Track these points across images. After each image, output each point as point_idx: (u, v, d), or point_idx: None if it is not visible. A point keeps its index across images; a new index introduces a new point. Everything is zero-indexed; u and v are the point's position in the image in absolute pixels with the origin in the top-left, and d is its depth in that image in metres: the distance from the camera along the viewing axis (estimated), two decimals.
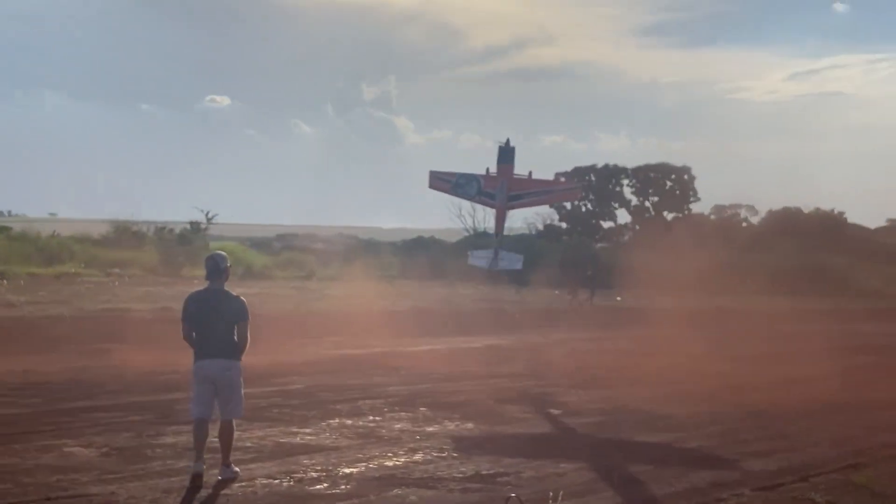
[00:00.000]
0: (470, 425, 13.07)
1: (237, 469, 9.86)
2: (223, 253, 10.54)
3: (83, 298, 32.28)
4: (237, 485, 9.35)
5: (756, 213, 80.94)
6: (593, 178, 77.87)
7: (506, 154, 21.18)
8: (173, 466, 9.93)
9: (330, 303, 34.87)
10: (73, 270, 45.65)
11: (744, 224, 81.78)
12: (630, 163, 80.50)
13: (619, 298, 45.81)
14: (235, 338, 9.93)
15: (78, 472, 9.48)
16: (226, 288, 10.09)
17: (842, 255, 64.27)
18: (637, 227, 77.85)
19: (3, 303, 28.84)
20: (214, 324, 9.88)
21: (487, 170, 21.29)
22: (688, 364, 19.98)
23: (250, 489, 9.23)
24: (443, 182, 21.71)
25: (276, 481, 9.54)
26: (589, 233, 75.92)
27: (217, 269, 10.12)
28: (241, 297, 10.16)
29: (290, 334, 22.80)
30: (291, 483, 9.50)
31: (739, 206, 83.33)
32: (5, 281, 37.49)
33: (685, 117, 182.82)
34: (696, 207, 79.32)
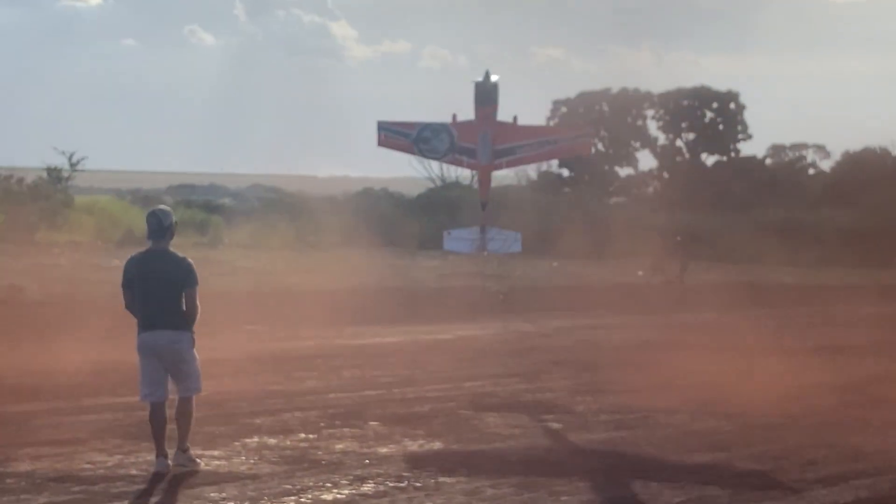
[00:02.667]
0: (438, 445, 13.19)
1: (198, 460, 11.35)
2: (167, 208, 11.88)
3: None
4: None
5: (828, 155, 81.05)
6: (606, 109, 77.84)
7: (486, 93, 20.29)
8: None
9: (243, 279, 34.83)
10: None
11: (811, 171, 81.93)
12: (656, 87, 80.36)
13: (640, 273, 45.99)
14: (184, 306, 11.30)
15: None
16: (170, 249, 11.42)
17: None
18: (665, 174, 78.02)
19: None
20: (159, 290, 11.26)
21: (455, 116, 20.75)
22: (734, 359, 20.20)
23: None
24: (398, 137, 20.97)
25: None
26: (600, 183, 75.90)
27: (161, 226, 11.34)
28: (188, 259, 11.53)
29: None
30: None
31: (805, 146, 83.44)
32: None
33: (731, 21, 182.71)
34: (745, 149, 79.29)
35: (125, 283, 11.55)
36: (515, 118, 20.82)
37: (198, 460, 11.52)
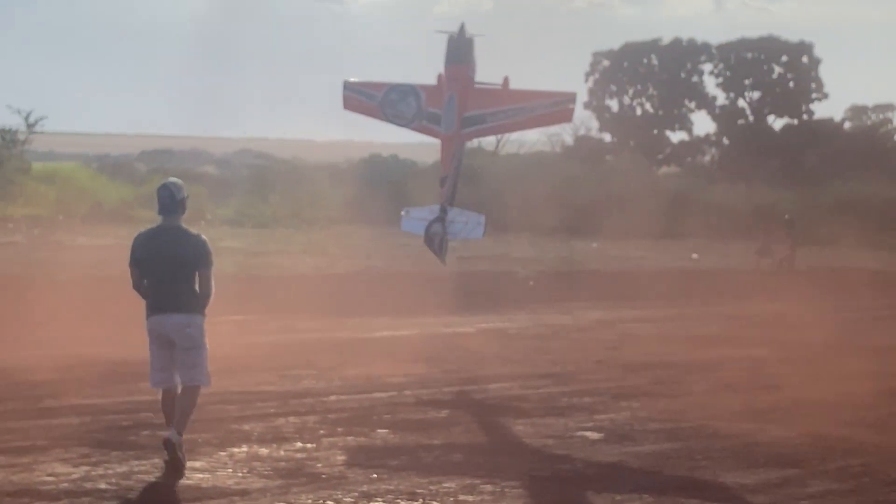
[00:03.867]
0: (457, 457, 13.16)
1: (182, 456, 11.91)
2: (178, 181, 12.68)
3: None
4: None
5: None
6: (655, 62, 77.77)
7: (458, 49, 20.15)
8: None
9: (230, 261, 34.76)
10: None
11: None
12: (714, 37, 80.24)
13: (695, 256, 45.97)
14: (197, 287, 12.30)
15: None
16: (183, 225, 12.41)
17: None
18: (726, 140, 77.88)
19: None
20: (170, 270, 12.24)
21: (439, 78, 20.65)
22: (807, 357, 20.21)
23: None
24: (364, 99, 20.99)
25: None
26: (648, 150, 75.73)
27: (173, 200, 12.24)
28: (203, 236, 12.52)
29: None
30: None
31: (892, 107, 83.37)
32: None
33: None
34: (820, 110, 79.08)
35: (132, 262, 12.42)
36: (506, 79, 20.59)
37: (180, 457, 11.91)
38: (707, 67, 78.91)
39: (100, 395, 15.58)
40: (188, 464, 12.21)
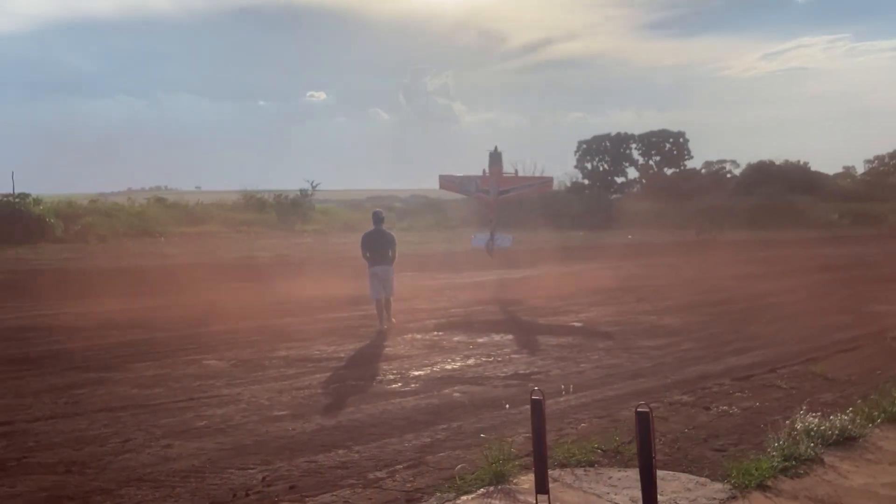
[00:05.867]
0: (510, 336, 12.93)
1: (394, 320, 13.67)
2: (381, 210, 14.73)
3: (220, 250, 32.60)
4: (332, 385, 9.35)
5: (738, 165, 79.14)
6: (608, 144, 76.25)
7: (495, 158, 20.65)
8: (285, 373, 9.96)
9: (406, 248, 34.58)
10: (212, 230, 46.31)
11: (728, 175, 79.91)
12: (637, 131, 78.92)
13: (629, 237, 44.96)
14: (390, 254, 13.66)
15: (213, 379, 9.57)
16: (384, 229, 13.92)
17: (806, 196, 63.03)
18: (643, 181, 76.22)
19: (161, 255, 29.30)
20: (380, 246, 13.65)
21: (484, 171, 20.65)
22: (682, 284, 19.66)
23: (340, 387, 9.22)
24: (450, 183, 21.32)
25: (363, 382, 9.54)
26: (606, 187, 74.48)
27: (378, 217, 13.98)
28: (392, 233, 14.14)
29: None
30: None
31: (725, 161, 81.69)
32: (162, 238, 38.07)
33: (680, 93, 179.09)
34: (690, 164, 77.50)
35: (363, 245, 13.85)
36: (516, 170, 21.11)
37: (394, 320, 13.66)
38: (634, 146, 77.39)
39: (347, 310, 15.58)
40: (383, 342, 12.17)
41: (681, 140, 76.53)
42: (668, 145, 76.55)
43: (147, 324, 13.74)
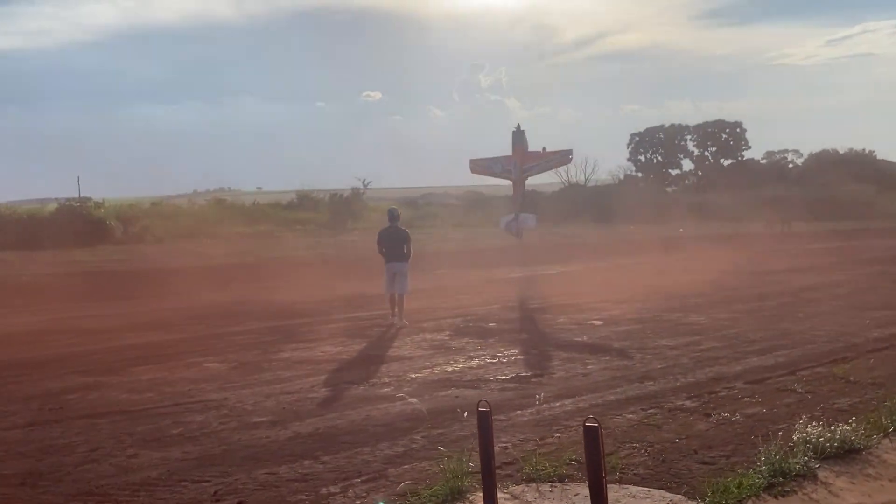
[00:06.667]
0: (524, 336, 12.42)
1: (406, 322, 13.25)
2: (397, 208, 14.87)
3: (264, 249, 32.68)
4: (323, 389, 9.02)
5: (801, 155, 76.73)
6: (662, 136, 74.70)
7: (518, 137, 20.26)
8: (281, 376, 9.67)
9: (446, 244, 34.26)
10: (266, 229, 46.64)
11: (790, 165, 77.54)
12: (694, 122, 77.05)
13: (681, 230, 43.77)
14: (405, 250, 13.64)
15: (207, 383, 9.33)
16: (399, 226, 13.97)
17: (872, 186, 60.78)
18: (699, 172, 74.34)
19: (204, 255, 29.52)
20: (395, 243, 13.65)
21: (514, 151, 20.27)
22: (720, 278, 18.81)
23: (335, 390, 8.88)
24: (480, 166, 21.01)
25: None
26: (659, 179, 72.92)
27: (394, 215, 14.05)
28: (407, 230, 14.16)
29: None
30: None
31: (787, 151, 79.50)
32: (207, 239, 38.18)
33: (740, 83, 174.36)
34: (748, 154, 75.24)
35: (378, 241, 13.96)
36: (544, 148, 20.34)
37: (406, 322, 13.32)
38: (689, 137, 75.50)
39: (360, 311, 15.32)
40: (391, 343, 11.80)
41: (738, 130, 74.45)
42: (724, 136, 74.52)
43: (165, 325, 13.66)
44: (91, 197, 47.72)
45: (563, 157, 20.45)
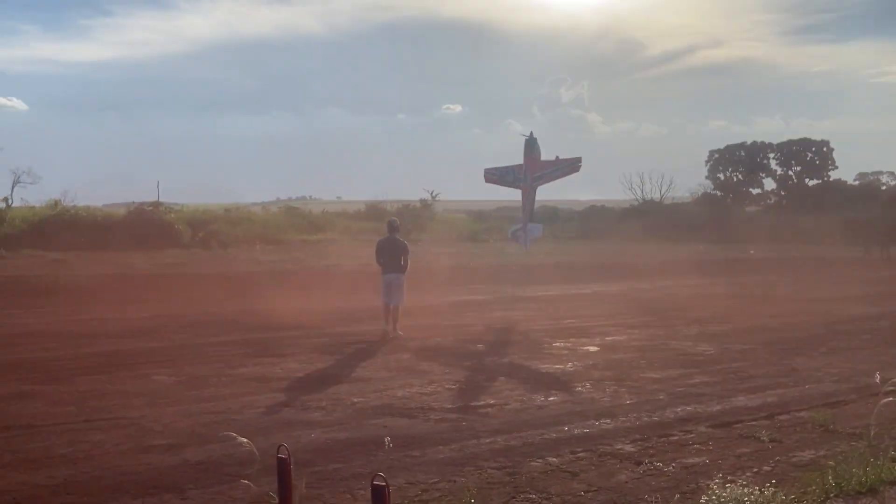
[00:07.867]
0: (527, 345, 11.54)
1: (401, 333, 13.08)
2: (396, 219, 14.88)
3: (318, 257, 32.44)
4: (251, 411, 8.40)
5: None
6: (743, 154, 71.56)
7: (530, 145, 19.09)
8: (219, 393, 9.12)
9: (505, 259, 33.18)
10: (330, 238, 46.76)
11: (883, 187, 73.55)
12: (783, 139, 73.32)
13: (752, 252, 41.59)
14: (402, 262, 13.46)
15: (139, 397, 8.85)
16: (397, 237, 13.78)
17: None
18: (782, 192, 70.87)
19: (251, 261, 29.52)
20: (393, 254, 13.50)
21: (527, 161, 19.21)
22: (759, 305, 17.40)
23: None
24: (493, 176, 19.91)
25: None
26: (739, 199, 69.79)
27: (393, 226, 13.95)
28: (405, 241, 13.95)
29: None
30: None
31: (881, 172, 75.52)
32: (259, 245, 38.07)
33: (834, 100, 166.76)
34: (835, 175, 71.15)
35: (377, 251, 13.78)
36: (557, 157, 18.99)
37: (401, 333, 13.10)
38: (772, 155, 72.01)
39: (353, 325, 14.69)
40: (360, 362, 11.11)
41: (824, 149, 70.62)
42: (809, 155, 70.84)
43: (151, 332, 13.37)
44: (163, 202, 48.86)
45: (573, 165, 19.37)
